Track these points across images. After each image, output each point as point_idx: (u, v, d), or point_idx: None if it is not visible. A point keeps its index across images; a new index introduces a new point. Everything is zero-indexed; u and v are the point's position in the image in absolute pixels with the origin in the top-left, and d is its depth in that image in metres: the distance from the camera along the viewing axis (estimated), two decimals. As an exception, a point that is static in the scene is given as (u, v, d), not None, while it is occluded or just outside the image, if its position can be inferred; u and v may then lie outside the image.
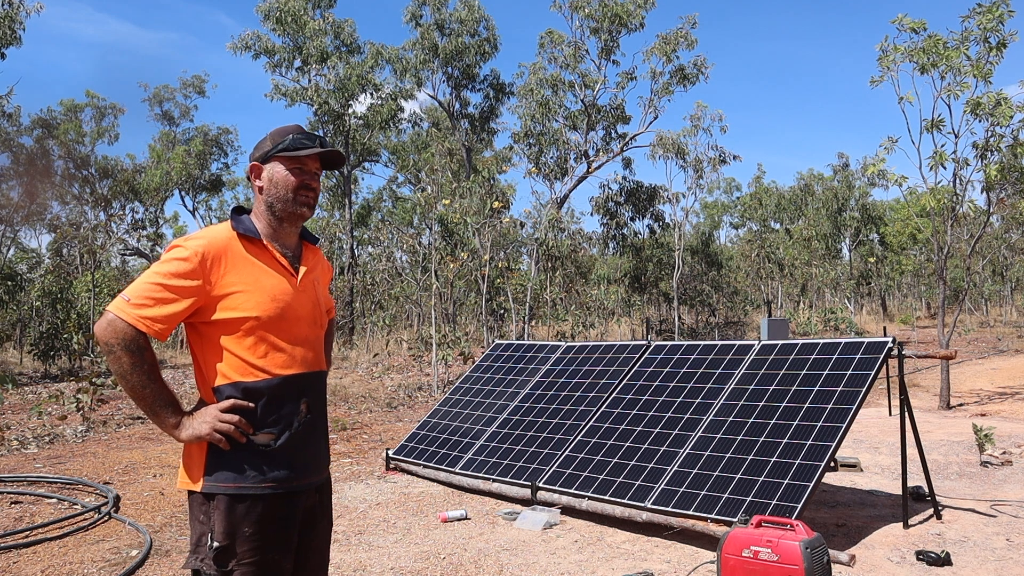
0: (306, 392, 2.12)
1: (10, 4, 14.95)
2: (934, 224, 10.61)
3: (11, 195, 27.62)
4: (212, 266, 2.01)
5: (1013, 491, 5.61)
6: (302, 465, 2.09)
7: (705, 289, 27.75)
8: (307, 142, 2.16)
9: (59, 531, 4.93)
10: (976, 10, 9.66)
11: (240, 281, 2.04)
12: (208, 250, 2.02)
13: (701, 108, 23.84)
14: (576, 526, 4.98)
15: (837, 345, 5.23)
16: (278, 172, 2.13)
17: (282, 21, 24.05)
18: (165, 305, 1.97)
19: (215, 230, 2.10)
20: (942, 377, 10.14)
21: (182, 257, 2.00)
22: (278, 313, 2.06)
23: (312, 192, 2.16)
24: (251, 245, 2.11)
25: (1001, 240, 28.88)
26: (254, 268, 2.08)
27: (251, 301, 2.03)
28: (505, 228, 19.35)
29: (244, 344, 2.03)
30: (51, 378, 15.76)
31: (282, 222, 2.16)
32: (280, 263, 2.13)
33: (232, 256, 2.06)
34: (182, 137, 35.85)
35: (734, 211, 42.38)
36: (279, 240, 2.18)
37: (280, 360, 2.07)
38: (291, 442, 2.07)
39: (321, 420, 2.19)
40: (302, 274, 2.17)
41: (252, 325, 2.03)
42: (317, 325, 2.20)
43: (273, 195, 2.13)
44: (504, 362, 7.33)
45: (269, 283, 2.08)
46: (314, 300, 2.20)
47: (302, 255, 2.23)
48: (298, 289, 2.15)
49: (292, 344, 2.09)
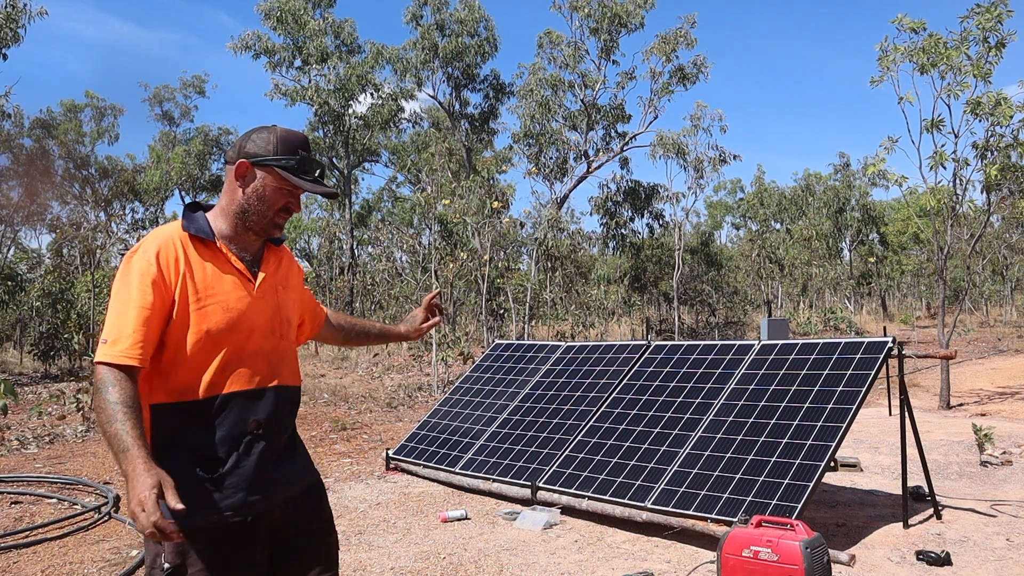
0: (256, 410, 1.94)
1: (12, 6, 14.96)
2: (934, 224, 10.61)
3: (11, 195, 27.63)
4: (164, 265, 1.87)
5: (1013, 491, 5.62)
6: (262, 487, 1.93)
7: (705, 289, 27.76)
8: (312, 169, 2.01)
9: (59, 531, 4.93)
10: (975, 10, 9.66)
11: (192, 287, 1.88)
12: (163, 247, 1.88)
13: (701, 108, 23.85)
14: (576, 526, 4.98)
15: (837, 345, 5.23)
16: (268, 185, 1.97)
17: (282, 21, 24.08)
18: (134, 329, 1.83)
19: (164, 231, 1.94)
20: (942, 377, 10.14)
21: (135, 259, 1.87)
22: (228, 325, 1.90)
23: (290, 215, 2.03)
24: (203, 247, 1.94)
25: (1001, 240, 28.88)
26: (205, 273, 1.91)
27: (204, 310, 1.88)
28: (505, 228, 19.36)
29: (193, 357, 1.86)
30: (51, 378, 15.75)
31: (246, 230, 1.99)
32: (236, 267, 1.96)
33: (185, 258, 1.90)
34: (182, 137, 35.88)
35: (737, 211, 42.40)
36: (238, 242, 2.00)
37: (225, 377, 1.90)
38: (242, 464, 1.91)
39: (280, 436, 2.01)
40: (260, 280, 2.00)
41: (197, 339, 1.87)
42: (275, 335, 2.02)
43: (253, 206, 1.97)
44: (504, 362, 7.33)
45: (221, 290, 1.92)
46: (273, 307, 2.02)
47: (263, 258, 2.06)
48: (255, 296, 1.98)
49: (241, 358, 1.92)
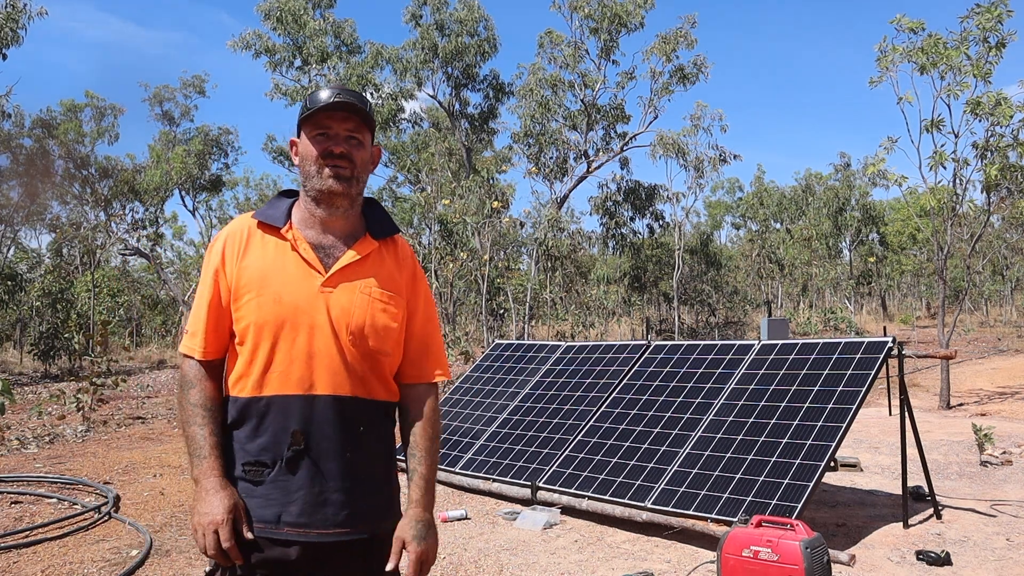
0: (301, 419, 1.74)
1: (12, 6, 14.96)
2: (934, 224, 10.61)
3: (11, 195, 27.62)
4: (228, 255, 1.81)
5: (1013, 491, 5.62)
6: (295, 509, 1.73)
7: (705, 289, 27.75)
8: (332, 96, 1.78)
9: (59, 531, 4.92)
10: (975, 10, 9.66)
11: (246, 276, 1.78)
12: (229, 237, 1.82)
13: (701, 108, 23.83)
14: (576, 526, 4.98)
15: (837, 345, 5.23)
16: (304, 141, 1.81)
17: (282, 20, 24.07)
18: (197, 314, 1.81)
19: (237, 219, 1.89)
20: (942, 377, 10.13)
21: (210, 250, 1.83)
22: (277, 319, 1.75)
23: (343, 161, 1.77)
24: (270, 234, 1.82)
25: (1001, 240, 28.88)
26: (264, 261, 1.79)
27: (253, 302, 1.76)
28: (505, 228, 19.36)
29: (244, 351, 1.77)
30: (51, 378, 15.75)
31: (318, 204, 1.81)
32: (302, 256, 1.79)
33: (246, 246, 1.81)
34: (182, 137, 35.86)
35: (736, 211, 42.40)
36: (318, 227, 1.83)
37: (274, 376, 1.75)
38: (283, 479, 1.75)
39: (335, 458, 1.77)
40: (333, 271, 1.79)
41: (252, 330, 1.76)
42: (345, 338, 1.79)
43: (303, 173, 1.82)
44: (504, 362, 7.33)
45: (278, 280, 1.77)
46: (347, 307, 1.79)
47: (352, 248, 1.84)
48: (321, 289, 1.78)
49: (291, 358, 1.75)
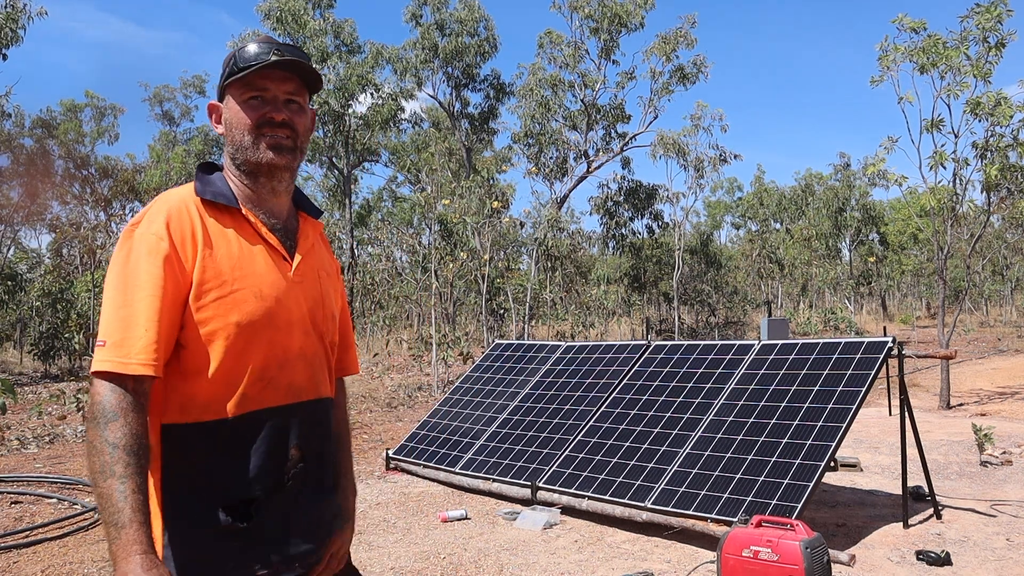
0: (298, 432, 1.49)
1: (12, 6, 14.98)
2: (934, 224, 10.61)
3: (11, 195, 27.63)
4: (178, 239, 1.41)
5: (1013, 491, 5.62)
6: (300, 534, 1.50)
7: (705, 289, 27.76)
8: (270, 51, 1.46)
9: (59, 531, 4.92)
10: (975, 10, 9.66)
11: (213, 268, 1.42)
12: (173, 217, 1.42)
13: (701, 107, 23.86)
14: (576, 526, 4.98)
15: (837, 345, 5.23)
16: (231, 108, 1.50)
17: (282, 20, 24.08)
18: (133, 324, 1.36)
19: (173, 195, 1.47)
20: (942, 377, 10.13)
21: (143, 234, 1.41)
22: (265, 317, 1.45)
23: (282, 129, 1.48)
24: (225, 216, 1.48)
25: (1001, 240, 28.88)
26: (230, 249, 1.45)
27: (228, 298, 1.42)
28: (505, 228, 19.36)
29: (217, 360, 1.41)
30: (51, 378, 15.74)
31: (256, 179, 1.50)
32: (267, 241, 1.50)
33: (203, 230, 1.44)
34: (182, 137, 35.88)
35: (736, 211, 42.44)
36: (263, 206, 1.52)
37: (260, 387, 1.45)
38: (280, 507, 1.46)
39: (319, 469, 1.55)
40: (298, 260, 1.54)
41: (225, 335, 1.41)
42: (315, 333, 1.56)
43: (231, 142, 1.50)
44: (504, 362, 7.33)
45: (252, 272, 1.46)
46: (315, 295, 1.56)
47: (298, 230, 1.58)
48: (292, 280, 1.51)
49: (281, 363, 1.48)
